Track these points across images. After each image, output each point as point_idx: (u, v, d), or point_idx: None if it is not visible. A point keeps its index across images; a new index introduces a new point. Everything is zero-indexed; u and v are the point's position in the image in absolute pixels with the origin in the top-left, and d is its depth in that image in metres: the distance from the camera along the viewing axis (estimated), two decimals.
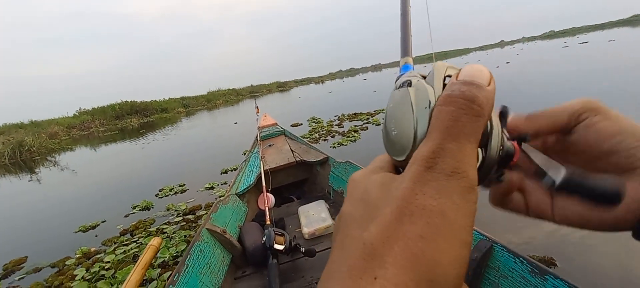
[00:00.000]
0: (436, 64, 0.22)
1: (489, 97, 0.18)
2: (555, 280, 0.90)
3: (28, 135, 14.87)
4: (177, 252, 2.70)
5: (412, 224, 0.16)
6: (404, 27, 0.32)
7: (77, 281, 2.64)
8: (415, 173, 0.17)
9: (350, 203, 0.21)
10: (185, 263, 1.43)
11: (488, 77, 0.18)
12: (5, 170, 10.95)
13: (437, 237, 0.15)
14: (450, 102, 0.18)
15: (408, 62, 0.29)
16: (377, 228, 0.17)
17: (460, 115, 0.17)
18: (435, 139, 0.17)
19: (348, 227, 0.19)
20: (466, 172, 0.17)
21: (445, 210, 0.16)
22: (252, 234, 1.82)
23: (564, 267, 1.88)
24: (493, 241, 1.11)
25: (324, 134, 6.69)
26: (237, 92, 46.52)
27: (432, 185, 0.16)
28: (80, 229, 3.89)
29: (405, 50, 0.30)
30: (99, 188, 6.06)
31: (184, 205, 3.90)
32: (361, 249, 0.17)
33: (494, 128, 0.20)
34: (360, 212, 0.19)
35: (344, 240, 0.19)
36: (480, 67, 0.19)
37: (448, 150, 0.17)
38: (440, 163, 0.17)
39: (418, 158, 0.18)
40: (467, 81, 0.18)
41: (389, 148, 0.24)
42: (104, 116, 25.38)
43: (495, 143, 0.20)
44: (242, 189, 2.32)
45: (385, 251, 0.16)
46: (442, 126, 0.17)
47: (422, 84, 0.21)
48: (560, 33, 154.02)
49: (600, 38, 32.22)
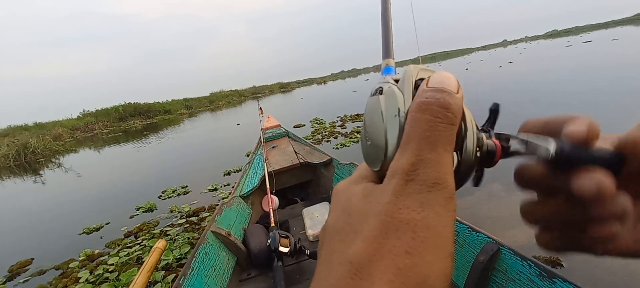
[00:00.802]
0: (407, 68, 0.21)
1: (459, 104, 0.18)
2: (563, 283, 0.89)
3: (32, 137, 14.98)
4: (181, 255, 2.71)
5: (398, 239, 0.16)
6: (384, 27, 0.32)
7: (81, 283, 2.65)
8: (397, 186, 0.17)
9: (334, 215, 0.21)
10: (191, 265, 1.43)
11: (456, 85, 0.18)
12: (10, 172, 11.04)
13: (424, 251, 0.15)
14: (425, 110, 0.17)
15: (389, 64, 0.28)
16: (363, 245, 0.16)
17: (436, 124, 0.17)
18: (413, 149, 0.17)
19: (332, 241, 0.19)
20: (446, 181, 0.17)
21: (430, 223, 0.16)
22: (256, 236, 1.82)
23: (570, 266, 1.88)
24: (500, 244, 1.10)
25: (327, 135, 6.68)
26: (240, 93, 46.65)
27: (414, 198, 0.16)
28: (84, 231, 3.91)
29: (386, 52, 0.30)
30: (102, 190, 6.09)
31: (188, 207, 3.91)
32: (347, 267, 0.16)
33: (469, 130, 0.19)
34: (343, 225, 0.19)
35: (329, 256, 0.18)
36: (449, 75, 0.19)
37: (427, 161, 0.17)
38: (421, 175, 0.16)
39: (398, 170, 0.17)
40: (439, 88, 0.18)
41: (366, 158, 0.23)
42: (107, 118, 25.55)
43: (470, 145, 0.19)
44: (246, 191, 2.32)
45: (372, 269, 0.15)
46: (419, 136, 0.17)
47: (392, 90, 0.21)
48: (564, 32, 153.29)
49: (604, 37, 32.04)
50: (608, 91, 6.05)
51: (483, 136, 0.21)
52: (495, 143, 0.21)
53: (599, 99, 5.58)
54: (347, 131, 6.71)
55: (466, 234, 1.23)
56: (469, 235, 1.22)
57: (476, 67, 22.47)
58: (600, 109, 4.90)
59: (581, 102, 5.51)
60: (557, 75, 10.02)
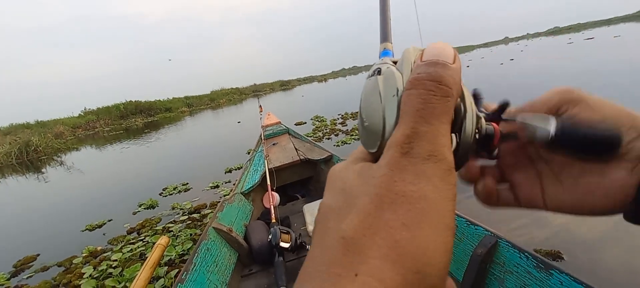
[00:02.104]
0: (407, 49, 0.21)
1: (455, 75, 0.17)
2: (560, 274, 0.91)
3: (34, 135, 15.01)
4: (183, 251, 2.73)
5: (394, 212, 0.15)
6: (383, 12, 0.32)
7: (85, 279, 2.67)
8: (392, 159, 0.16)
9: (329, 195, 0.20)
10: (193, 261, 1.45)
11: (452, 55, 0.18)
12: (12, 169, 11.08)
13: (421, 223, 0.15)
14: (417, 85, 0.17)
15: (387, 48, 0.28)
16: (357, 219, 0.16)
17: (429, 97, 0.17)
18: (408, 123, 0.17)
19: (327, 219, 0.18)
20: (443, 154, 0.16)
21: (427, 195, 0.15)
22: (258, 232, 1.83)
23: (571, 260, 1.90)
24: (498, 237, 1.11)
25: (328, 132, 6.69)
26: (240, 91, 46.64)
27: (410, 170, 0.16)
28: (87, 228, 3.94)
29: (384, 36, 0.30)
30: (104, 187, 6.12)
31: (189, 204, 3.93)
32: (340, 243, 0.15)
33: (468, 111, 0.19)
34: (338, 204, 0.18)
35: (323, 234, 0.18)
36: (444, 45, 0.18)
37: (422, 133, 0.16)
38: (415, 148, 0.16)
39: (393, 143, 0.17)
40: (431, 61, 0.18)
41: (363, 140, 0.22)
42: (108, 116, 25.59)
43: (469, 126, 0.19)
44: (247, 188, 2.34)
45: (366, 243, 0.15)
46: (413, 110, 0.17)
47: (391, 70, 0.20)
48: (566, 29, 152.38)
49: (606, 34, 31.84)
50: (608, 87, 6.03)
51: (482, 119, 0.21)
52: (494, 127, 0.21)
53: None
54: (348, 128, 6.72)
55: (464, 227, 1.24)
56: (467, 228, 1.23)
57: (477, 64, 22.41)
58: None
59: None
60: (557, 72, 9.99)
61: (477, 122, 0.20)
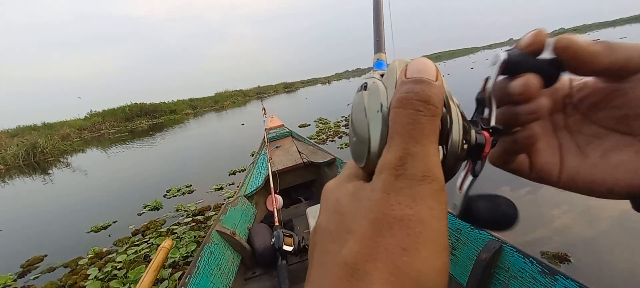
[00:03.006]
0: (392, 62, 0.21)
1: (439, 93, 0.18)
2: (565, 280, 0.90)
3: (41, 137, 15.18)
4: (188, 253, 2.74)
5: (392, 237, 0.15)
6: (376, 22, 0.32)
7: (90, 280, 2.69)
8: (386, 182, 0.16)
9: (324, 215, 0.20)
10: (197, 264, 1.45)
11: (435, 71, 0.18)
12: (20, 171, 11.21)
13: (420, 246, 0.15)
14: (406, 105, 0.17)
15: (381, 58, 0.28)
16: (357, 245, 0.16)
17: (418, 117, 0.17)
18: (400, 144, 0.17)
19: (325, 242, 0.18)
20: (435, 173, 0.16)
21: (423, 218, 0.15)
22: (261, 235, 1.84)
23: (577, 264, 1.88)
24: (502, 241, 1.10)
25: (331, 134, 6.69)
26: (244, 93, 46.82)
27: (405, 193, 0.16)
28: (93, 229, 3.97)
29: (378, 47, 0.30)
30: (109, 188, 6.17)
31: (193, 206, 3.95)
32: (343, 269, 0.16)
33: (454, 123, 0.19)
34: (334, 225, 0.19)
35: (323, 257, 0.18)
36: (426, 61, 0.18)
37: (414, 154, 0.16)
38: (409, 169, 0.16)
39: (386, 166, 0.17)
40: (417, 79, 0.18)
41: (353, 154, 0.22)
42: (114, 118, 25.81)
43: (456, 138, 0.19)
44: (250, 191, 2.34)
45: (369, 269, 0.15)
46: (403, 130, 0.17)
47: (376, 85, 0.20)
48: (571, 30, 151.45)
49: (611, 35, 31.56)
50: None
51: (471, 128, 0.21)
52: (485, 135, 0.21)
53: None
54: None
55: (468, 232, 1.23)
56: (471, 233, 1.22)
57: (482, 66, 22.29)
58: None
59: None
60: None
61: (464, 132, 0.20)
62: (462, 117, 0.20)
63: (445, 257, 0.16)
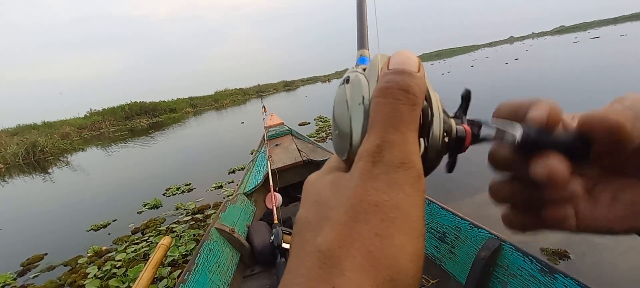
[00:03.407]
0: (374, 56, 0.21)
1: (420, 83, 0.18)
2: (565, 279, 0.90)
3: (41, 136, 15.18)
4: (187, 251, 2.74)
5: (367, 223, 0.15)
6: (359, 19, 0.32)
7: (89, 279, 2.69)
8: (364, 169, 0.17)
9: (305, 206, 0.20)
10: (195, 262, 1.45)
11: (417, 63, 0.18)
12: (20, 170, 11.21)
13: (394, 232, 0.15)
14: (387, 94, 0.17)
15: (364, 55, 0.28)
16: (332, 232, 0.16)
17: (398, 106, 0.17)
18: (378, 132, 0.17)
19: (304, 232, 0.18)
20: (412, 161, 0.17)
21: (399, 204, 0.15)
22: (260, 233, 1.83)
23: (577, 260, 1.89)
24: (502, 240, 1.10)
25: (331, 133, 6.68)
26: (244, 91, 46.79)
27: (382, 179, 0.16)
28: (92, 228, 3.97)
29: (361, 43, 0.30)
30: (109, 187, 6.16)
31: (193, 205, 3.94)
32: (316, 256, 0.16)
33: (435, 115, 0.19)
34: (313, 215, 0.19)
35: (299, 247, 0.18)
36: (409, 54, 0.19)
37: (392, 141, 0.16)
38: (387, 156, 0.16)
39: (364, 153, 0.17)
40: (398, 70, 0.18)
41: (335, 148, 0.23)
42: (114, 117, 25.81)
43: (437, 131, 0.19)
44: (249, 189, 2.34)
45: (342, 255, 0.15)
46: (383, 118, 0.17)
47: (358, 79, 0.21)
48: (572, 28, 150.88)
49: (612, 33, 31.54)
50: (613, 88, 5.96)
51: (452, 122, 0.21)
52: (465, 129, 0.21)
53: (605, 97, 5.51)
54: None
55: (468, 230, 1.23)
56: (470, 231, 1.22)
57: (482, 63, 22.28)
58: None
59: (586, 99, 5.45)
60: (563, 72, 9.90)
61: (444, 125, 0.20)
62: (443, 111, 0.20)
63: (420, 243, 0.16)
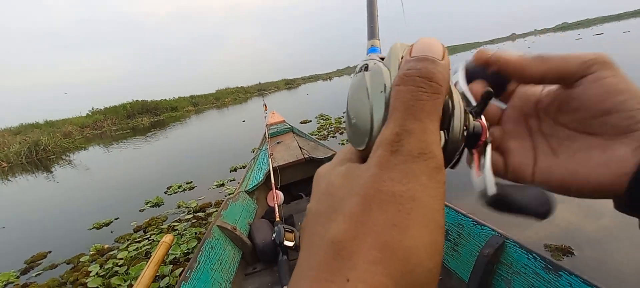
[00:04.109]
0: (394, 45, 0.20)
1: (444, 71, 0.17)
2: (569, 276, 0.89)
3: (43, 134, 15.24)
4: (188, 249, 2.74)
5: (383, 213, 0.15)
6: (370, 9, 0.31)
7: (91, 277, 2.70)
8: (381, 158, 0.16)
9: (316, 198, 0.20)
10: (197, 259, 1.45)
11: (441, 51, 0.18)
12: (22, 169, 11.26)
13: (410, 223, 0.14)
14: (407, 81, 0.17)
15: (375, 45, 0.28)
16: (345, 223, 0.15)
17: (419, 94, 0.16)
18: (397, 120, 0.16)
19: (315, 224, 0.18)
20: (432, 151, 0.16)
21: (416, 194, 0.15)
22: (262, 231, 1.83)
23: (580, 256, 1.89)
24: (505, 237, 1.09)
25: (333, 130, 6.68)
26: (245, 90, 46.82)
27: (399, 168, 0.15)
28: (95, 226, 3.98)
29: (371, 33, 0.29)
30: (111, 185, 6.18)
31: (195, 203, 3.95)
32: (329, 248, 0.15)
33: (456, 108, 0.19)
34: (325, 207, 0.18)
35: (311, 239, 0.17)
36: (433, 41, 0.18)
37: (412, 130, 0.16)
38: (405, 146, 0.16)
39: (382, 142, 0.17)
40: (421, 57, 0.17)
41: (351, 138, 0.22)
42: (115, 115, 25.86)
43: (457, 123, 0.19)
44: (251, 186, 2.34)
45: (356, 247, 0.14)
46: (403, 106, 0.16)
47: (378, 66, 0.20)
48: (574, 25, 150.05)
49: (615, 29, 31.37)
50: None
51: (470, 116, 0.21)
52: (481, 123, 0.21)
53: None
54: None
55: (471, 227, 1.22)
56: (473, 228, 1.21)
57: None
58: None
59: None
60: None
61: (465, 118, 0.20)
62: (462, 104, 0.20)
63: (439, 235, 0.15)
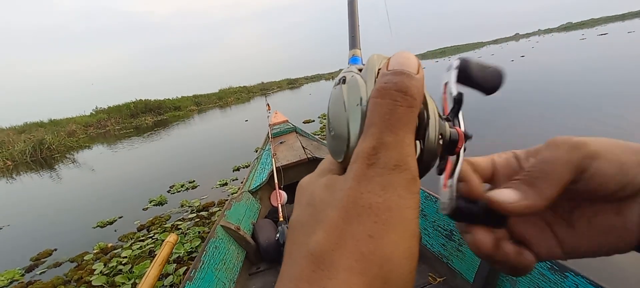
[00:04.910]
0: (371, 57, 0.21)
1: (419, 85, 0.18)
2: (576, 277, 0.88)
3: (48, 133, 15.35)
4: (192, 248, 2.75)
5: (360, 224, 0.15)
6: (351, 19, 0.31)
7: (96, 275, 2.72)
8: (358, 171, 0.17)
9: (298, 209, 0.20)
10: (202, 259, 1.45)
11: (416, 65, 0.18)
12: (27, 167, 11.35)
13: (386, 233, 0.15)
14: (384, 95, 0.17)
15: (356, 55, 0.28)
16: (324, 234, 0.16)
17: (395, 107, 0.17)
18: (374, 133, 0.17)
19: (297, 235, 0.18)
20: (407, 163, 0.16)
21: (391, 205, 0.15)
22: (265, 231, 1.83)
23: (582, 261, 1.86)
24: None
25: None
26: (248, 89, 46.87)
27: (376, 181, 0.16)
28: (99, 224, 4.01)
29: (353, 43, 0.29)
30: (114, 184, 6.22)
31: (198, 202, 3.96)
32: (308, 259, 0.16)
33: (431, 118, 0.19)
34: (307, 218, 0.18)
35: (292, 249, 0.18)
36: (408, 55, 0.18)
37: (388, 144, 0.16)
38: (382, 158, 0.16)
39: (359, 155, 0.17)
40: (397, 71, 0.18)
41: (330, 150, 0.22)
42: (119, 114, 25.98)
43: (433, 133, 0.19)
44: (254, 186, 2.34)
45: (334, 258, 0.15)
46: (379, 120, 0.17)
47: (355, 79, 0.20)
48: (578, 24, 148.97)
49: (619, 29, 31.12)
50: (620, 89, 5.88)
51: (446, 124, 0.21)
52: (457, 131, 0.21)
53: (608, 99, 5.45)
54: None
55: None
56: None
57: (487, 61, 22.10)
58: (613, 108, 4.79)
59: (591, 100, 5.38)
60: (566, 71, 9.79)
61: (440, 127, 0.20)
62: (437, 114, 0.20)
63: (413, 243, 0.16)
